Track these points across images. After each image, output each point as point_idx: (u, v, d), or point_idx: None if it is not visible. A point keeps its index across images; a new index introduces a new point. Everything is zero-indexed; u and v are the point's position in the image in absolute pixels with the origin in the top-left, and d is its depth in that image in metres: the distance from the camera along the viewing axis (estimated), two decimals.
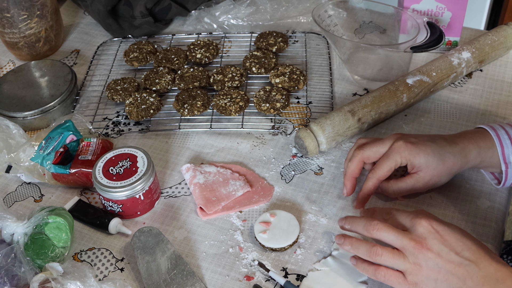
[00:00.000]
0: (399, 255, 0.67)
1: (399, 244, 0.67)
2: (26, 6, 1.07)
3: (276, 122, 0.97)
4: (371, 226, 0.70)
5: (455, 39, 1.07)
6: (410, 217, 0.69)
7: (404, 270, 0.67)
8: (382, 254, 0.68)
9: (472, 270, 0.64)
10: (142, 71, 1.10)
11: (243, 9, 1.16)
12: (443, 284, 0.66)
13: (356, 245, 0.71)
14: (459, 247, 0.65)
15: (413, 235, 0.67)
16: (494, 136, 0.78)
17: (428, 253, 0.66)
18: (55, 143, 0.90)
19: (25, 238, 0.76)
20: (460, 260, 0.65)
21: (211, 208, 0.83)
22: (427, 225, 0.67)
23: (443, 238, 0.66)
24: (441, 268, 0.65)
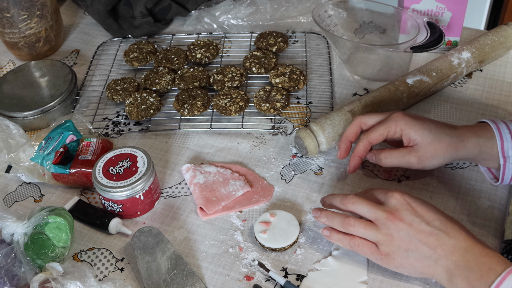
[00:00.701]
0: (371, 226, 0.71)
1: (372, 215, 0.71)
2: (26, 6, 1.07)
3: (276, 122, 0.97)
4: (346, 199, 0.73)
5: (455, 39, 1.07)
6: (384, 192, 0.72)
7: (377, 241, 0.71)
8: (355, 225, 0.72)
9: (443, 239, 0.68)
10: (142, 71, 1.10)
11: (243, 9, 1.16)
12: (414, 253, 0.69)
13: (331, 217, 0.74)
14: (430, 217, 0.69)
15: (386, 207, 0.71)
16: (495, 129, 0.78)
17: (400, 223, 0.69)
18: (55, 143, 0.90)
19: (25, 238, 0.76)
20: (431, 229, 0.68)
21: (211, 208, 0.83)
22: (399, 198, 0.70)
23: (414, 210, 0.69)
24: (412, 238, 0.68)
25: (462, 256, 0.66)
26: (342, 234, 0.73)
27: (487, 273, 0.64)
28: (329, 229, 0.74)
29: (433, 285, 0.73)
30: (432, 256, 0.68)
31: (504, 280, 0.63)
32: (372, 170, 0.89)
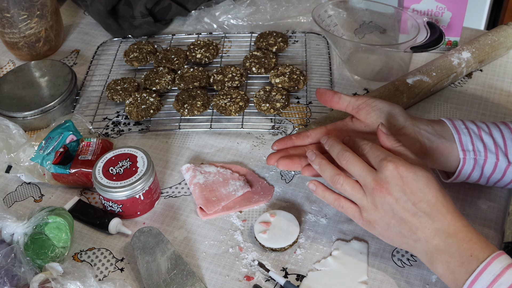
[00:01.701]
0: (359, 190, 0.70)
1: (362, 180, 0.69)
2: (26, 6, 1.07)
3: (276, 122, 0.97)
4: (343, 155, 0.72)
5: (455, 39, 1.07)
6: (380, 156, 0.69)
7: (361, 206, 0.70)
8: (343, 184, 0.71)
9: (426, 222, 0.66)
10: (142, 71, 1.10)
11: (243, 9, 1.16)
12: (395, 228, 0.68)
13: (324, 167, 0.73)
14: (418, 198, 0.67)
15: (377, 176, 0.68)
16: (450, 125, 0.78)
17: (387, 197, 0.67)
18: (55, 143, 0.90)
19: (25, 238, 0.76)
20: (416, 210, 0.67)
21: (211, 208, 0.83)
22: (393, 170, 0.67)
23: (405, 185, 0.67)
24: (395, 214, 0.68)
25: (443, 241, 0.65)
26: (329, 191, 0.73)
27: (468, 260, 0.64)
28: (316, 183, 0.73)
29: (433, 285, 0.74)
30: (412, 236, 0.67)
31: (488, 266, 0.62)
32: None
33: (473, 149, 0.76)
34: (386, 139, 0.73)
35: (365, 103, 0.80)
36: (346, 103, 0.81)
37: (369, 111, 0.79)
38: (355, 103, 0.80)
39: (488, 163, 0.76)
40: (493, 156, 0.76)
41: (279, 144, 0.82)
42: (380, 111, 0.79)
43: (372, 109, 0.79)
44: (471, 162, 0.76)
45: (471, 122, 0.79)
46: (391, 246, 0.78)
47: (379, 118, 0.79)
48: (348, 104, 0.81)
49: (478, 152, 0.76)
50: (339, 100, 0.81)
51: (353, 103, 0.80)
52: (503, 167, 0.76)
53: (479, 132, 0.77)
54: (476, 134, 0.77)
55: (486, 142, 0.76)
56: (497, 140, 0.76)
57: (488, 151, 0.76)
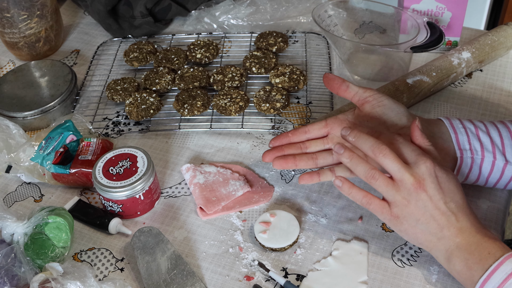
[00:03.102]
0: (393, 186, 0.69)
1: (399, 176, 0.69)
2: (26, 6, 1.07)
3: (276, 122, 0.97)
4: (379, 149, 0.69)
5: (455, 39, 1.07)
6: (416, 152, 0.70)
7: (392, 202, 0.69)
8: (378, 179, 0.70)
9: (452, 221, 0.68)
10: (142, 71, 1.10)
11: (243, 9, 1.16)
12: (423, 225, 0.69)
13: (356, 161, 0.71)
14: (449, 198, 0.68)
15: (414, 172, 0.68)
16: (447, 123, 0.78)
17: (423, 194, 0.68)
18: (55, 143, 0.90)
19: (25, 238, 0.76)
20: (445, 209, 0.68)
21: (211, 208, 0.83)
22: (430, 167, 0.68)
23: (440, 185, 0.68)
24: (427, 211, 0.68)
25: (465, 239, 0.67)
26: (356, 188, 0.72)
27: (486, 257, 0.65)
28: (342, 179, 0.72)
29: (433, 285, 0.74)
30: (437, 234, 0.68)
31: (501, 265, 0.64)
32: None
33: (470, 148, 0.76)
34: (420, 136, 0.72)
35: (372, 97, 0.79)
36: (353, 93, 0.80)
37: (375, 105, 0.79)
38: (362, 95, 0.80)
39: (485, 162, 0.76)
40: (490, 155, 0.76)
41: (275, 142, 0.83)
42: (386, 108, 0.79)
43: (378, 104, 0.79)
44: (468, 161, 0.76)
45: (468, 121, 0.79)
46: (391, 246, 0.78)
47: (383, 115, 0.79)
48: (355, 94, 0.80)
49: (475, 151, 0.76)
50: (346, 88, 0.81)
51: (360, 94, 0.80)
52: (501, 166, 0.76)
53: (476, 131, 0.77)
54: (473, 133, 0.77)
55: (483, 141, 0.77)
56: (494, 139, 0.77)
57: (485, 150, 0.76)
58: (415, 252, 0.77)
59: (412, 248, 0.78)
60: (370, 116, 0.80)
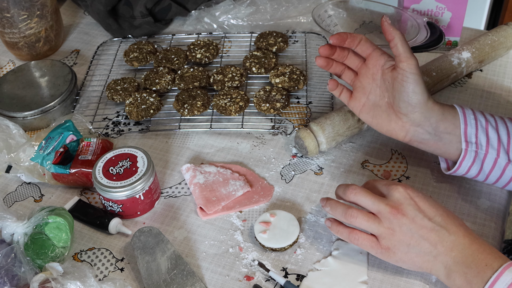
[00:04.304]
0: (374, 219, 0.70)
1: (375, 208, 0.70)
2: (26, 6, 1.07)
3: (276, 122, 0.97)
4: (349, 190, 0.73)
5: (455, 39, 1.07)
6: (387, 185, 0.72)
7: (378, 235, 0.70)
8: (357, 217, 0.71)
9: (443, 235, 0.68)
10: (142, 71, 1.10)
11: (243, 9, 1.16)
12: (414, 248, 0.69)
13: (334, 206, 0.74)
14: (432, 213, 0.69)
15: (389, 200, 0.70)
16: (460, 112, 0.78)
17: (403, 218, 0.69)
18: (55, 143, 0.90)
19: (25, 238, 0.76)
20: (432, 225, 0.68)
21: (211, 208, 0.83)
22: (403, 192, 0.70)
23: (417, 205, 0.69)
24: (414, 233, 0.69)
25: (460, 253, 0.67)
26: (343, 226, 0.73)
27: (484, 269, 0.65)
28: (331, 219, 0.75)
29: (433, 285, 0.74)
30: (432, 252, 0.68)
31: (500, 276, 0.64)
32: (372, 170, 0.89)
33: (476, 141, 0.76)
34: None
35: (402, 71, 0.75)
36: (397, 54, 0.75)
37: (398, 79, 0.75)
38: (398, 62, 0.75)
39: (488, 158, 0.76)
40: (494, 151, 0.76)
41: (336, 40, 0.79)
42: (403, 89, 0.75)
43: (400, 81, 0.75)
44: (472, 154, 0.77)
45: (480, 114, 0.78)
46: None
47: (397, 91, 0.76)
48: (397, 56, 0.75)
49: (480, 145, 0.76)
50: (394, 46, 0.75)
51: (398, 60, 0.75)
52: (503, 164, 0.76)
53: (486, 125, 0.77)
54: (483, 126, 0.77)
55: (490, 136, 0.76)
56: (501, 136, 0.76)
57: (490, 146, 0.76)
58: None
59: None
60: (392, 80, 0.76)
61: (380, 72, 0.79)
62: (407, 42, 0.75)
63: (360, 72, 0.81)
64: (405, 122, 0.78)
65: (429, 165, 0.89)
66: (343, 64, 0.83)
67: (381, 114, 0.80)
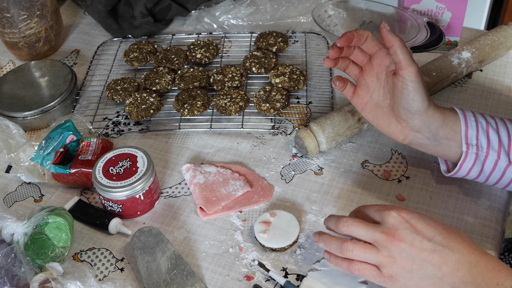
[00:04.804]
0: (371, 249, 0.67)
1: (370, 238, 0.67)
2: (26, 6, 1.07)
3: (276, 122, 0.97)
4: (341, 223, 0.69)
5: (455, 39, 1.07)
6: (379, 210, 0.69)
7: (379, 264, 0.67)
8: (353, 250, 0.68)
9: (446, 255, 0.65)
10: (142, 71, 1.10)
11: (243, 9, 1.16)
12: (418, 273, 0.66)
13: (328, 241, 0.70)
14: (431, 233, 0.66)
15: (384, 227, 0.67)
16: (461, 114, 0.77)
17: (401, 244, 0.66)
18: (55, 143, 0.90)
19: (25, 238, 0.76)
20: (433, 246, 0.65)
21: (211, 208, 0.83)
22: (397, 216, 0.67)
23: (414, 227, 0.66)
24: (415, 258, 0.65)
25: (468, 272, 0.64)
26: (341, 258, 0.70)
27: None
28: (329, 252, 0.71)
29: None
30: (437, 274, 0.65)
31: None
32: (372, 170, 0.89)
33: (477, 143, 0.76)
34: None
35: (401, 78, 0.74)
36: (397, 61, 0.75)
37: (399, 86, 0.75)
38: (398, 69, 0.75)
39: (488, 160, 0.76)
40: (494, 153, 0.76)
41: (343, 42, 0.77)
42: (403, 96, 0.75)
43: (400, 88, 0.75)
44: (473, 156, 0.76)
45: (481, 116, 0.78)
46: None
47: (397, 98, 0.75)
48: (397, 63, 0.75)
49: (480, 147, 0.76)
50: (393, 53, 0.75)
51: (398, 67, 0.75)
52: (503, 166, 0.76)
53: (487, 127, 0.76)
54: (483, 128, 0.76)
55: (491, 138, 0.76)
56: (502, 138, 0.76)
57: (491, 148, 0.76)
58: None
59: None
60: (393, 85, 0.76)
61: (384, 73, 0.78)
62: (407, 48, 0.74)
63: (365, 69, 0.80)
64: (405, 127, 0.77)
65: (429, 165, 0.89)
66: (348, 59, 0.81)
67: (382, 116, 0.79)
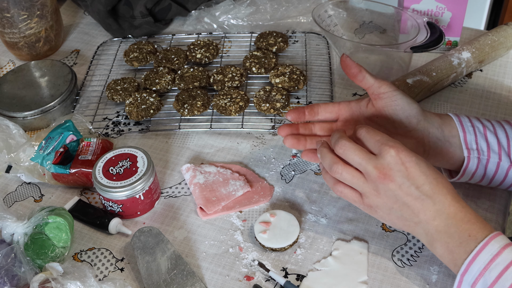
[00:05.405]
0: (359, 178, 0.69)
1: (362, 168, 0.68)
2: (26, 6, 1.07)
3: (276, 122, 0.97)
4: (339, 143, 0.70)
5: (455, 39, 1.07)
6: (380, 142, 0.68)
7: (362, 193, 0.69)
8: (342, 173, 0.69)
9: (428, 205, 0.66)
10: (142, 71, 1.10)
11: (243, 9, 1.16)
12: (397, 212, 0.68)
13: (324, 156, 0.72)
14: (421, 181, 0.66)
15: (378, 163, 0.67)
16: (456, 121, 0.78)
17: (390, 184, 0.67)
18: (55, 143, 0.90)
19: (25, 238, 0.76)
20: (418, 194, 0.66)
21: (211, 208, 0.83)
22: (395, 156, 0.67)
23: (407, 171, 0.66)
24: (398, 199, 0.67)
25: (443, 222, 0.66)
26: (329, 175, 0.72)
27: (467, 240, 0.64)
28: (321, 165, 0.74)
29: (433, 285, 0.74)
30: (414, 219, 0.68)
31: (485, 247, 0.63)
32: None
33: (477, 148, 0.76)
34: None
35: (386, 94, 0.77)
36: (369, 85, 0.78)
37: (387, 104, 0.77)
38: (377, 90, 0.77)
39: (490, 163, 0.76)
40: (495, 156, 0.76)
41: (293, 114, 0.82)
42: (397, 109, 0.77)
43: (391, 104, 0.77)
44: (475, 161, 0.76)
45: (477, 120, 0.78)
46: (391, 246, 0.78)
47: (394, 115, 0.77)
48: (370, 87, 0.78)
49: (481, 151, 0.76)
50: (362, 79, 0.78)
51: (375, 88, 0.78)
52: (505, 167, 0.76)
53: (484, 130, 0.77)
54: (481, 132, 0.77)
55: (490, 141, 0.76)
56: (501, 140, 0.76)
57: (491, 151, 0.76)
58: (415, 252, 0.77)
59: (412, 248, 0.78)
60: (380, 113, 0.78)
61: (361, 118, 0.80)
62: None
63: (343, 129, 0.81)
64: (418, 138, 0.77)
65: None
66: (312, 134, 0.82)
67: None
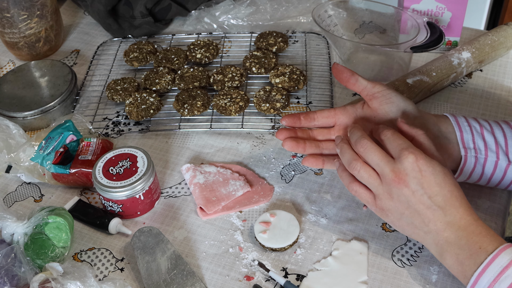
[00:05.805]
0: (375, 178, 0.70)
1: (379, 170, 0.69)
2: (26, 6, 1.07)
3: (276, 122, 0.97)
4: (360, 142, 0.71)
5: (455, 39, 1.07)
6: (401, 146, 0.69)
7: (376, 194, 0.70)
8: (359, 171, 0.71)
9: (438, 216, 0.67)
10: (142, 71, 1.10)
11: (243, 9, 1.16)
12: (408, 219, 0.69)
13: (343, 151, 0.73)
14: (435, 191, 0.67)
15: (395, 167, 0.68)
16: (453, 120, 0.78)
17: (404, 189, 0.68)
18: (55, 143, 0.90)
19: (25, 238, 0.76)
20: (431, 204, 0.67)
21: (211, 208, 0.83)
22: (413, 162, 0.67)
23: (423, 179, 0.67)
24: (410, 205, 0.68)
25: (454, 234, 0.66)
26: (347, 172, 0.73)
27: (477, 252, 0.64)
28: (340, 162, 0.75)
29: (433, 285, 0.74)
30: (423, 228, 0.68)
31: (495, 259, 0.63)
32: None
33: (474, 147, 0.76)
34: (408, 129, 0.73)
35: (381, 93, 0.79)
36: (362, 87, 0.80)
37: (383, 102, 0.79)
38: (370, 90, 0.79)
39: (488, 162, 0.76)
40: (493, 154, 0.76)
41: (288, 120, 0.83)
42: (393, 106, 0.78)
43: (386, 102, 0.79)
44: (472, 160, 0.76)
45: (473, 120, 0.79)
46: (391, 246, 0.78)
47: (390, 112, 0.78)
48: (364, 89, 0.80)
49: (478, 150, 0.76)
50: (355, 82, 0.80)
51: (368, 89, 0.79)
52: (504, 166, 0.76)
53: (481, 130, 0.77)
54: (478, 132, 0.77)
55: (487, 140, 0.76)
56: (498, 139, 0.76)
57: (489, 150, 0.76)
58: (415, 252, 0.77)
59: (412, 248, 0.78)
60: (377, 113, 0.80)
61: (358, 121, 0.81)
62: None
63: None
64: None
65: None
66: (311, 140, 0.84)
67: None
